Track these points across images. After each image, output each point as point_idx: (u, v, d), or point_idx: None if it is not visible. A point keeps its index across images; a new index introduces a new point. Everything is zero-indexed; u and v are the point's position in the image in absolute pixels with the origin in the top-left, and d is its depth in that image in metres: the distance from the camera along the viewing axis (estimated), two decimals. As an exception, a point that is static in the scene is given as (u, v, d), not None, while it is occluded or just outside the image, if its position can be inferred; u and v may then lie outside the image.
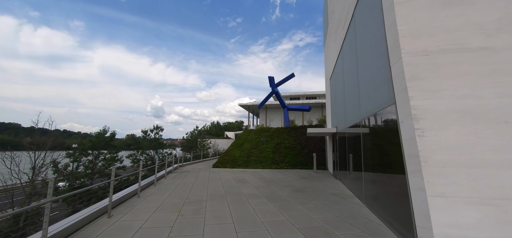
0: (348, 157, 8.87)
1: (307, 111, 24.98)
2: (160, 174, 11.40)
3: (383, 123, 5.21)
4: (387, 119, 5.02)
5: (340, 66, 10.31)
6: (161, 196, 7.43)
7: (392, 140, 4.66)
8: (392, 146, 4.70)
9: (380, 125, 5.43)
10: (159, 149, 29.88)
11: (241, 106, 50.15)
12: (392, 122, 4.68)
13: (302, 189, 8.78)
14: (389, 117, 4.88)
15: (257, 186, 9.34)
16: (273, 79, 25.11)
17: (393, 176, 4.76)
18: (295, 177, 11.91)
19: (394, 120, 4.57)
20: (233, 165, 16.90)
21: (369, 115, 6.01)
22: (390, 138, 4.80)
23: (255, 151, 17.90)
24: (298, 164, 16.18)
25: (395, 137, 4.42)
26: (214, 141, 44.95)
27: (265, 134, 19.31)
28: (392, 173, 4.77)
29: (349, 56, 8.44)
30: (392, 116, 4.65)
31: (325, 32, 16.12)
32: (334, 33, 11.52)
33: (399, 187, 4.36)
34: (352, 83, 8.02)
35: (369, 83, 5.99)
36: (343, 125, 9.87)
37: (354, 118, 7.71)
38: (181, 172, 13.89)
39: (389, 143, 4.86)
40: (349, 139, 8.74)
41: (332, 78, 13.18)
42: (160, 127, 29.98)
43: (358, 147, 7.35)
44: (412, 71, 3.98)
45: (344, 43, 9.17)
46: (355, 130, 7.73)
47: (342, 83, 9.92)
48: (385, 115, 5.06)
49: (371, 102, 5.90)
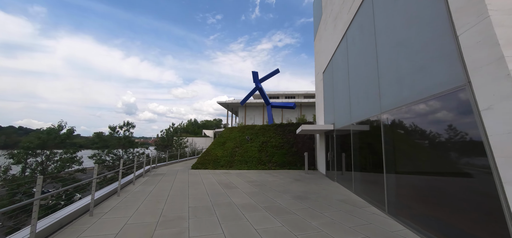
0: (353, 156, 7.67)
1: (292, 108, 23.94)
2: (127, 179, 9.17)
3: (433, 112, 3.94)
4: (440, 107, 3.74)
5: (341, 55, 9.11)
6: (125, 212, 5.43)
7: (455, 135, 3.37)
8: (455, 142, 3.41)
9: (425, 115, 4.15)
10: (129, 148, 26.62)
11: (220, 104, 47.94)
12: (454, 110, 3.40)
13: (303, 195, 7.37)
14: (446, 103, 3.60)
15: (249, 192, 7.72)
16: (257, 75, 23.61)
17: (456, 181, 3.48)
18: (288, 179, 10.52)
19: (456, 108, 3.30)
20: (215, 165, 15.02)
21: (403, 105, 4.74)
22: (451, 132, 3.51)
23: (239, 150, 16.20)
24: (286, 164, 14.86)
25: (460, 131, 3.12)
26: (191, 140, 42.13)
27: (249, 132, 17.70)
28: (457, 176, 3.49)
29: (359, 40, 7.21)
30: (452, 103, 3.37)
31: (316, 25, 15.01)
32: (333, 20, 10.34)
33: (472, 195, 3.06)
34: (364, 71, 6.78)
35: (404, 64, 4.72)
36: (344, 121, 8.68)
37: (368, 111, 6.47)
38: (154, 175, 11.69)
39: (451, 138, 3.57)
40: (356, 136, 7.54)
41: (326, 72, 12.05)
42: (131, 123, 26.74)
43: (374, 145, 6.11)
44: (509, 34, 2.69)
45: (351, 26, 7.94)
46: (368, 125, 6.51)
47: (344, 74, 8.72)
48: (439, 103, 3.77)
49: (406, 89, 4.62)
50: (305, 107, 43.74)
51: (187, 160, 21.32)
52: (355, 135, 7.61)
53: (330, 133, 10.99)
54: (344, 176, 8.89)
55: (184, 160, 20.98)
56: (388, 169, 5.34)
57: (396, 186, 5.08)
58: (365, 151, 7.05)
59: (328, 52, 11.37)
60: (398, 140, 5.09)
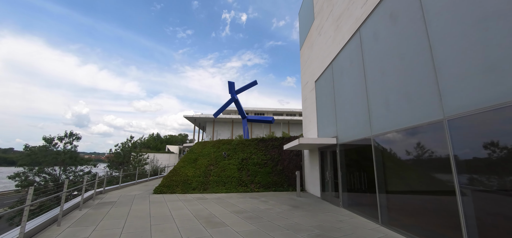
0: (377, 176, 5.96)
1: (271, 122, 22.19)
2: (49, 216, 5.75)
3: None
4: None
5: (350, 57, 7.68)
6: None
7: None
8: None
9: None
10: (71, 165, 21.07)
11: (186, 118, 44.06)
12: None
13: (323, 234, 5.23)
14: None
15: (246, 233, 5.25)
16: (233, 85, 21.51)
17: None
18: (283, 206, 8.30)
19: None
20: (186, 188, 11.94)
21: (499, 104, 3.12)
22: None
23: (215, 169, 13.43)
24: (272, 185, 12.64)
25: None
26: (153, 156, 36.89)
27: (226, 147, 15.14)
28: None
29: (387, 32, 5.76)
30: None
31: (303, 33, 13.87)
32: (335, 21, 9.04)
33: None
34: (402, 67, 5.27)
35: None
36: (357, 133, 7.05)
37: (411, 117, 4.87)
38: (100, 205, 8.21)
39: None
40: (383, 151, 5.87)
41: (320, 80, 10.62)
42: (75, 134, 21.45)
43: (430, 162, 4.43)
44: None
45: (369, 20, 6.55)
46: (409, 135, 4.87)
47: (356, 78, 7.23)
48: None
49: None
50: (275, 124, 42.81)
51: (148, 180, 17.38)
52: (381, 149, 5.95)
53: (328, 148, 9.31)
54: (358, 200, 7.09)
55: (144, 181, 17.02)
56: (463, 192, 3.62)
57: (483, 214, 3.34)
58: (401, 169, 5.37)
59: (325, 58, 10.01)
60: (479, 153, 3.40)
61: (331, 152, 9.12)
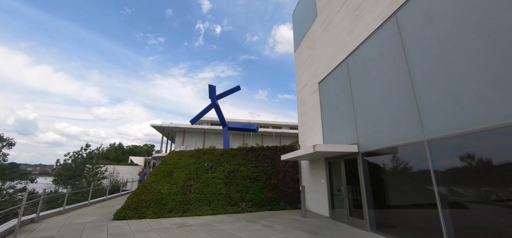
0: (438, 193, 4.45)
1: (254, 131, 20.29)
2: None
3: None
4: None
5: (381, 47, 6.35)
6: None
7: None
8: None
9: None
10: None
11: (154, 127, 39.44)
12: None
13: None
14: None
15: None
16: (214, 89, 19.26)
17: None
18: (297, 233, 6.30)
19: None
20: (160, 210, 9.10)
21: None
22: None
23: (196, 184, 10.83)
24: (266, 203, 10.55)
25: None
26: (113, 168, 31.48)
27: (208, 158, 12.67)
28: None
29: (450, 4, 4.49)
30: None
31: (302, 32, 12.62)
32: (352, 11, 7.79)
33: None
34: (479, 44, 3.94)
35: None
36: (393, 139, 5.59)
37: (498, 113, 3.48)
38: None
39: None
40: (452, 158, 4.42)
41: (327, 80, 9.24)
42: (6, 139, 16.50)
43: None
44: None
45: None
46: (498, 136, 3.47)
47: (391, 71, 5.87)
48: None
49: None
50: (246, 135, 40.81)
51: (106, 200, 13.67)
52: (440, 155, 4.49)
53: (342, 157, 7.74)
54: (395, 220, 5.49)
55: (101, 200, 13.28)
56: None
57: None
58: (483, 176, 3.90)
59: (335, 55, 8.68)
60: None
61: (347, 161, 7.56)
